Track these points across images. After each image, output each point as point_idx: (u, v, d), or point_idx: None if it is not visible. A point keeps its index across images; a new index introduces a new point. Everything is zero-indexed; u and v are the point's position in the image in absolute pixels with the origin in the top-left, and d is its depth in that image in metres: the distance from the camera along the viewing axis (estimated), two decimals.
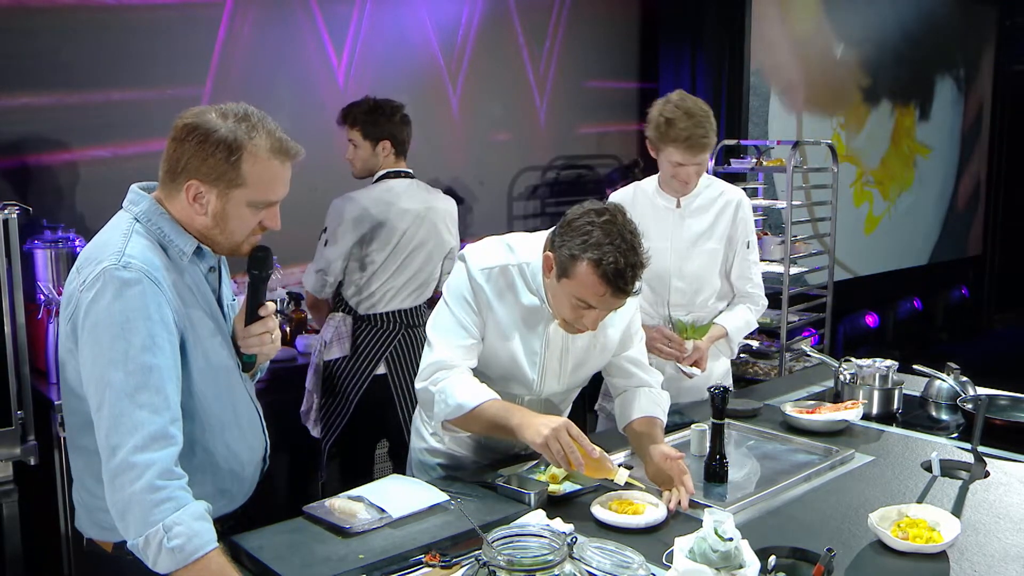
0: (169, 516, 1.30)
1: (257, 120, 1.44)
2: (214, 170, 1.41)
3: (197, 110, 1.44)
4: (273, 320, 1.58)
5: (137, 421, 1.32)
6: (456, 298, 1.87)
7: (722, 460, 1.90)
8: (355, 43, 3.80)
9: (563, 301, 1.76)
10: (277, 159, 1.45)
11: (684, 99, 2.35)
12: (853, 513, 1.71)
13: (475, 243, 1.93)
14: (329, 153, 3.76)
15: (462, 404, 1.77)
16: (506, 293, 1.86)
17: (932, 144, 6.93)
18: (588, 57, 4.69)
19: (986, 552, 1.56)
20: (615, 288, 1.68)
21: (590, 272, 1.67)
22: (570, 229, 1.72)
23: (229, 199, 1.44)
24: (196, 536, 1.31)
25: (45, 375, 2.76)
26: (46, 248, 2.78)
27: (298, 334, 3.35)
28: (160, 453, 1.32)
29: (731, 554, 1.34)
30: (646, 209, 2.47)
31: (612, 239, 1.67)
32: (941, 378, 2.50)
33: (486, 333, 1.87)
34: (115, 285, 1.35)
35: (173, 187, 1.45)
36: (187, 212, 1.46)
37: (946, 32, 6.93)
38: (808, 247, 4.65)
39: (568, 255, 1.70)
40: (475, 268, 1.86)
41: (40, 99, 3.04)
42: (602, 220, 1.69)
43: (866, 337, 6.30)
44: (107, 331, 1.34)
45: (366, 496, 1.70)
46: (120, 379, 1.32)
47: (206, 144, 1.40)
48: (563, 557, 1.24)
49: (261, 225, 1.50)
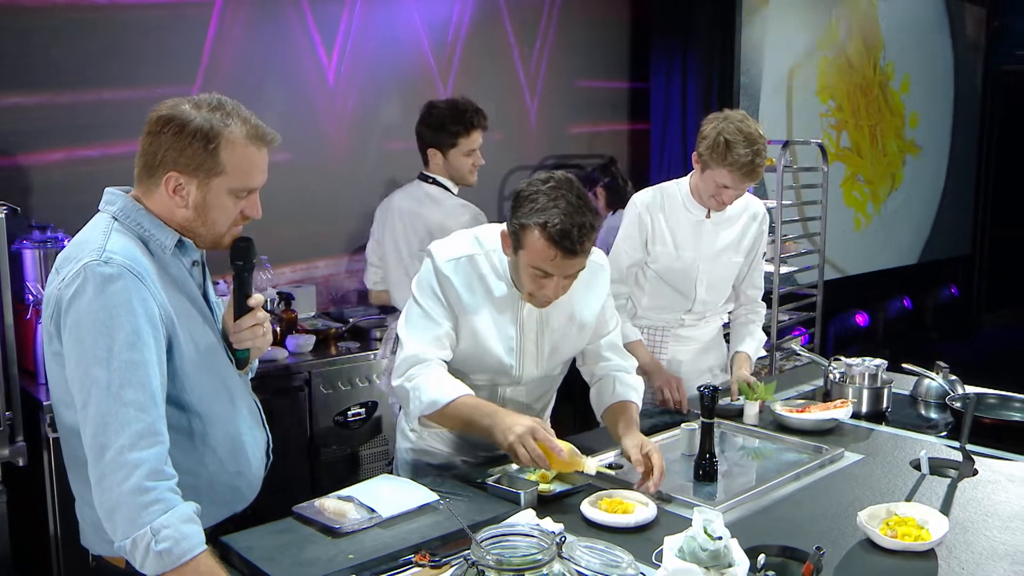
0: (157, 519, 1.28)
1: (231, 108, 1.43)
2: (193, 160, 1.40)
3: (170, 103, 1.42)
4: (263, 311, 1.57)
5: (124, 419, 1.29)
6: (423, 291, 1.87)
7: (711, 459, 1.90)
8: (345, 42, 3.78)
9: (523, 273, 1.77)
10: (254, 145, 1.44)
11: (747, 123, 2.26)
12: (842, 512, 1.71)
13: (442, 239, 1.94)
14: (320, 153, 3.75)
15: (435, 400, 1.78)
16: (476, 283, 1.86)
17: (922, 143, 6.96)
18: (579, 57, 4.68)
19: (974, 550, 1.56)
20: (564, 249, 1.68)
21: (539, 237, 1.69)
22: (518, 200, 1.74)
23: (210, 188, 1.43)
24: (184, 539, 1.29)
25: (34, 375, 2.75)
26: (35, 248, 2.76)
27: (288, 334, 3.33)
28: (149, 452, 1.30)
29: (720, 553, 1.34)
30: (675, 215, 2.46)
31: (556, 202, 1.67)
32: (930, 377, 2.51)
33: (460, 326, 1.87)
34: (96, 281, 1.32)
35: (151, 182, 1.43)
36: (167, 206, 1.44)
37: (936, 32, 6.96)
38: (798, 246, 4.66)
39: (518, 225, 1.72)
40: (441, 260, 1.86)
41: (30, 98, 3.02)
42: (547, 186, 1.71)
43: (856, 336, 6.31)
44: (90, 328, 1.31)
45: (356, 496, 1.70)
46: (105, 376, 1.30)
47: (182, 135, 1.39)
48: (552, 556, 1.24)
49: (243, 214, 1.49)
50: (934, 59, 6.99)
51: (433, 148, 2.87)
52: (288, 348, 3.25)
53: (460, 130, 2.81)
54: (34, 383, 2.72)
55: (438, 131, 2.82)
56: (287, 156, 3.56)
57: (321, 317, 3.61)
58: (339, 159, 3.82)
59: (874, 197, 6.52)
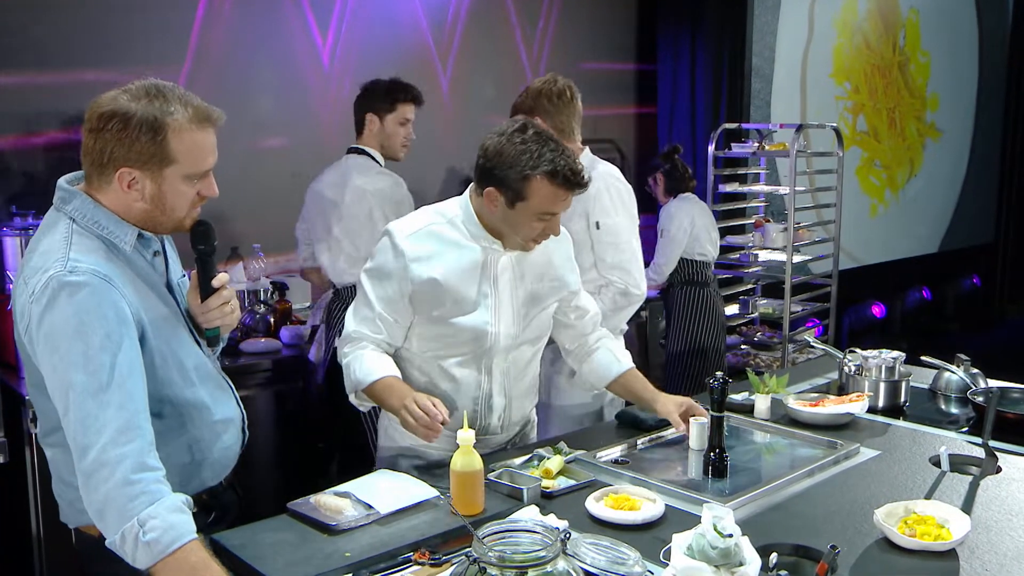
0: (144, 510, 1.30)
1: (169, 92, 1.44)
2: (142, 154, 1.42)
3: (107, 97, 1.43)
4: (229, 289, 1.60)
5: (104, 420, 1.33)
6: (369, 273, 1.94)
7: (722, 454, 1.88)
8: (340, 22, 3.74)
9: (523, 222, 1.85)
10: (200, 129, 1.45)
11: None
12: (858, 509, 1.68)
13: (398, 219, 2.01)
14: (313, 137, 3.69)
15: (360, 380, 1.89)
16: (443, 250, 1.90)
17: (943, 127, 6.82)
18: (583, 37, 4.64)
19: (997, 550, 1.52)
20: (575, 186, 1.83)
21: (547, 183, 1.80)
22: (505, 157, 1.81)
23: (163, 179, 1.45)
24: (172, 528, 1.31)
25: (15, 369, 2.69)
26: (15, 236, 2.72)
27: (282, 325, 3.29)
28: (130, 446, 1.33)
29: (731, 551, 1.32)
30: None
31: (548, 147, 1.80)
32: (951, 370, 2.48)
33: (429, 296, 1.89)
34: (65, 291, 1.36)
35: (102, 179, 1.45)
36: (123, 201, 1.46)
37: (959, 11, 6.79)
38: (812, 234, 4.60)
39: (519, 178, 1.80)
40: (400, 236, 1.90)
41: (8, 79, 2.96)
42: (530, 135, 1.81)
43: (872, 328, 6.26)
44: (63, 337, 1.35)
45: (353, 492, 1.68)
46: (82, 380, 1.34)
47: (127, 129, 1.40)
48: (556, 553, 1.22)
49: (200, 195, 1.51)
50: (957, 38, 6.83)
51: (372, 113, 3.02)
52: (282, 340, 3.22)
53: (400, 96, 3.01)
54: (15, 377, 2.67)
55: (379, 98, 3.02)
56: (280, 141, 3.51)
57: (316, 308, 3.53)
58: (334, 144, 3.74)
59: (892, 183, 6.43)
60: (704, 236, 3.99)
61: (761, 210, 4.81)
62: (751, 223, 4.61)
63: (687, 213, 3.96)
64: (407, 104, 3.01)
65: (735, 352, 4.49)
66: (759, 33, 5.04)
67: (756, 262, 4.44)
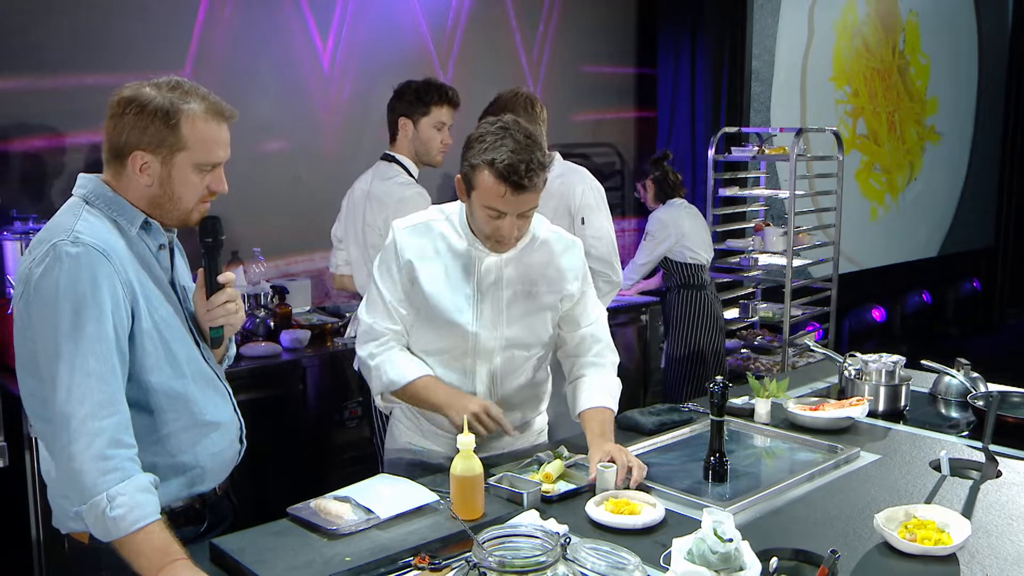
0: (115, 486, 1.34)
1: (189, 88, 1.52)
2: (155, 137, 1.48)
3: (130, 86, 1.51)
4: (233, 288, 1.62)
5: (87, 389, 1.36)
6: (379, 267, 1.96)
7: (722, 458, 1.87)
8: (341, 26, 3.73)
9: (477, 215, 1.84)
10: (214, 120, 1.52)
11: None
12: (858, 514, 1.67)
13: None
14: (313, 140, 3.69)
15: (394, 380, 1.89)
16: (436, 243, 1.92)
17: (943, 130, 6.82)
18: (583, 41, 4.63)
19: (998, 555, 1.52)
20: (513, 184, 1.75)
21: (489, 174, 1.77)
22: (469, 143, 1.82)
23: (174, 164, 1.50)
24: (138, 507, 1.35)
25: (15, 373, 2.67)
26: (16, 240, 2.71)
27: (283, 329, 3.26)
28: (109, 420, 1.37)
29: (731, 556, 1.33)
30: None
31: (504, 141, 1.76)
32: (951, 374, 2.47)
33: (417, 290, 1.90)
34: (64, 259, 1.40)
35: (118, 164, 1.51)
36: (135, 186, 1.51)
37: (958, 14, 6.79)
38: (812, 238, 4.59)
39: (469, 167, 1.81)
40: (399, 229, 1.94)
41: (8, 83, 2.95)
42: (495, 127, 1.80)
43: (872, 332, 6.25)
44: (56, 303, 1.39)
45: (353, 496, 1.68)
46: (70, 349, 1.37)
47: (143, 114, 1.47)
48: (556, 558, 1.23)
49: (209, 190, 1.56)
50: (957, 41, 6.83)
51: (404, 117, 2.89)
52: (283, 344, 3.21)
53: (434, 98, 2.88)
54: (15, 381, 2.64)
55: (412, 101, 2.88)
56: (280, 145, 3.50)
57: (316, 312, 3.56)
58: (335, 148, 3.76)
59: (892, 187, 6.42)
60: (695, 239, 4.00)
61: (761, 214, 4.81)
62: (751, 227, 4.61)
63: (673, 219, 3.99)
64: (441, 106, 2.88)
65: (735, 356, 4.50)
66: (759, 37, 5.04)
67: (756, 266, 4.44)
